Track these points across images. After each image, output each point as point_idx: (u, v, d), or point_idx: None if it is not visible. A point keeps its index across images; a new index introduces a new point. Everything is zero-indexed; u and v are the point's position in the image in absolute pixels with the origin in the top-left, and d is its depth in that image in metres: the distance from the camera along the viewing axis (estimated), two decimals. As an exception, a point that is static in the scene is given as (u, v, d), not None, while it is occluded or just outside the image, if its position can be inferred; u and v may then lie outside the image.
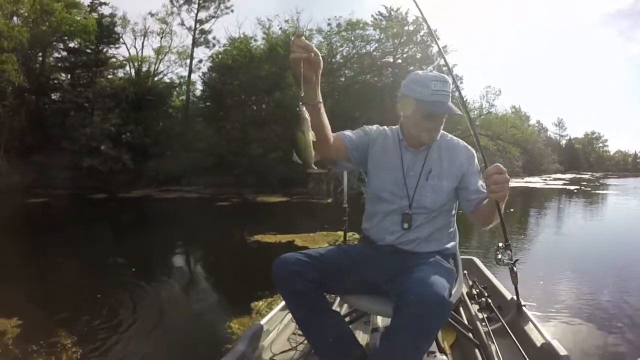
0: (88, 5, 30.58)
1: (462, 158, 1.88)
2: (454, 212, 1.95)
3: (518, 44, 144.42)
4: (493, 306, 2.22)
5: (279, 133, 25.29)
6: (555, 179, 41.13)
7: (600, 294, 4.93)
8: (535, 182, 35.02)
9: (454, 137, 1.98)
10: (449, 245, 1.90)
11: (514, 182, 32.97)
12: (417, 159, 1.87)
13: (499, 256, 1.91)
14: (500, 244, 1.91)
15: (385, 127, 2.03)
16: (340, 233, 2.70)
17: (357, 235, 2.18)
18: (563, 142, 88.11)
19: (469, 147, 1.96)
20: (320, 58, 1.49)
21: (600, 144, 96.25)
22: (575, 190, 24.60)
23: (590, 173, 66.35)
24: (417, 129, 1.83)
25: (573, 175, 53.70)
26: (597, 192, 24.23)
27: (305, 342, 2.10)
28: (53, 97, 30.50)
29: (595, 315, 4.20)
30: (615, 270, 6.13)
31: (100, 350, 3.38)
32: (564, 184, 31.39)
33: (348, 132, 1.91)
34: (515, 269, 1.93)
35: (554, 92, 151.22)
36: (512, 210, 15.20)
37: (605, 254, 7.26)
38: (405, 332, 1.44)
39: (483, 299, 2.27)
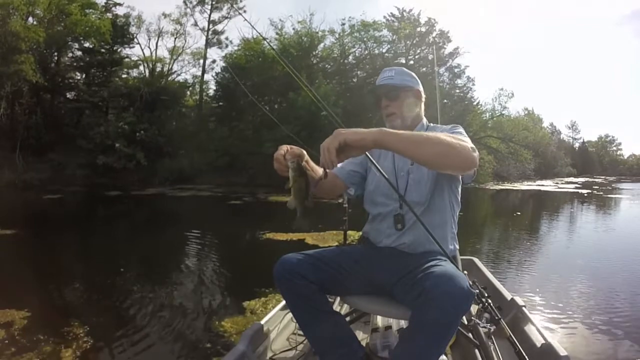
0: (103, 6, 31.07)
1: None
2: (452, 212, 1.90)
3: (533, 45, 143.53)
4: (493, 306, 2.19)
5: (292, 133, 25.15)
6: (567, 183, 40.62)
7: (609, 299, 4.89)
8: (548, 185, 34.64)
9: (443, 125, 1.96)
10: (449, 246, 1.84)
11: (526, 185, 32.76)
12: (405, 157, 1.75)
13: None
14: None
15: None
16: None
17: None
18: (576, 145, 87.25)
19: (453, 125, 1.88)
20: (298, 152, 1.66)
21: (614, 148, 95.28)
22: (587, 195, 24.32)
23: (603, 177, 65.32)
24: (384, 118, 1.95)
25: (586, 179, 52.99)
26: (610, 196, 23.89)
27: (305, 342, 2.13)
28: (68, 96, 31.06)
29: (599, 319, 4.20)
30: (625, 275, 6.08)
31: (109, 342, 3.43)
32: (576, 188, 30.96)
33: (340, 165, 1.86)
34: None
35: (568, 94, 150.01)
36: (519, 213, 15.16)
37: (616, 259, 7.20)
38: (430, 328, 1.39)
39: (483, 299, 2.28)
